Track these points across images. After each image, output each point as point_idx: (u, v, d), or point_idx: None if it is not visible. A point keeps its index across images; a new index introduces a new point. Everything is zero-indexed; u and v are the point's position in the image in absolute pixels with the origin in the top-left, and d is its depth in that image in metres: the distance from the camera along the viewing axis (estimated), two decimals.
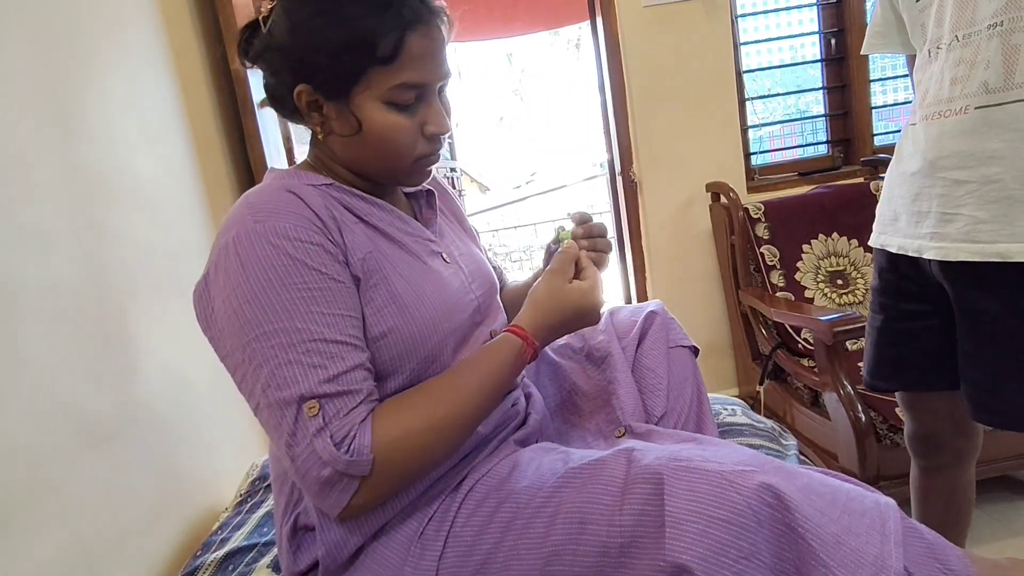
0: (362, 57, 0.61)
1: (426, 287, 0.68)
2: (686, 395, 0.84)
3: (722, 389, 2.17)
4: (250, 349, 0.57)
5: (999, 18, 0.76)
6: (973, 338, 0.88)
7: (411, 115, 0.66)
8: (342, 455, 0.55)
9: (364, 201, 0.70)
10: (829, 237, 1.91)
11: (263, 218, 0.59)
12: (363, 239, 0.66)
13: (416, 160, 0.68)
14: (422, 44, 0.63)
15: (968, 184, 0.82)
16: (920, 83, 0.91)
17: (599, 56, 2.13)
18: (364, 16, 0.61)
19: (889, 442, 1.38)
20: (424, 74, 0.64)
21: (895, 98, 2.21)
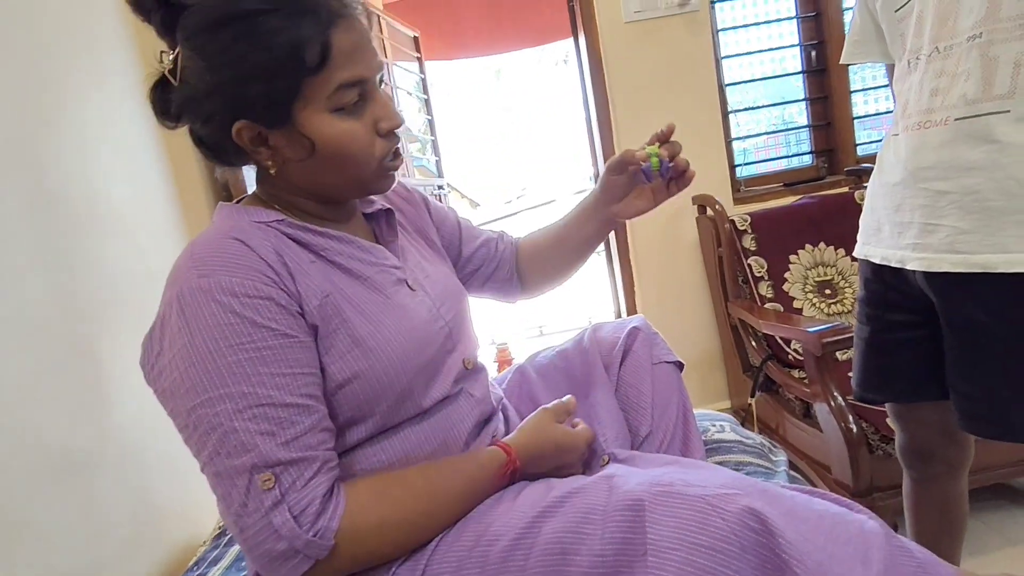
0: (293, 71, 0.58)
1: (391, 325, 0.65)
2: (671, 412, 0.83)
3: (714, 402, 2.15)
4: (196, 415, 0.54)
5: (978, 30, 0.76)
6: (960, 348, 0.87)
7: (360, 116, 0.63)
8: (303, 532, 0.52)
9: (320, 236, 0.66)
10: (816, 247, 1.91)
11: (208, 272, 0.56)
12: (320, 280, 0.63)
13: (380, 162, 0.65)
14: (348, 39, 0.60)
15: (949, 195, 0.82)
16: (900, 93, 0.91)
17: (582, 72, 2.14)
18: (282, 29, 0.57)
19: (882, 452, 1.37)
20: (360, 69, 0.61)
21: (876, 108, 2.23)
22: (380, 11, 2.67)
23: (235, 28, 0.57)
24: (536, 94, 12.57)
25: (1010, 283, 0.78)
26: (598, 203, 0.86)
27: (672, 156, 0.79)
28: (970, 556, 1.35)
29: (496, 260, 0.92)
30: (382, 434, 0.65)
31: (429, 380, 0.68)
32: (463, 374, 0.74)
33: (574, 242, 0.90)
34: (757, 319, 1.73)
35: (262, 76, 0.57)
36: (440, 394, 0.69)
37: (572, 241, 0.90)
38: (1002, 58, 0.75)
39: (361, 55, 0.61)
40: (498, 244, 0.93)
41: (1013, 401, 0.82)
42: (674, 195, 0.84)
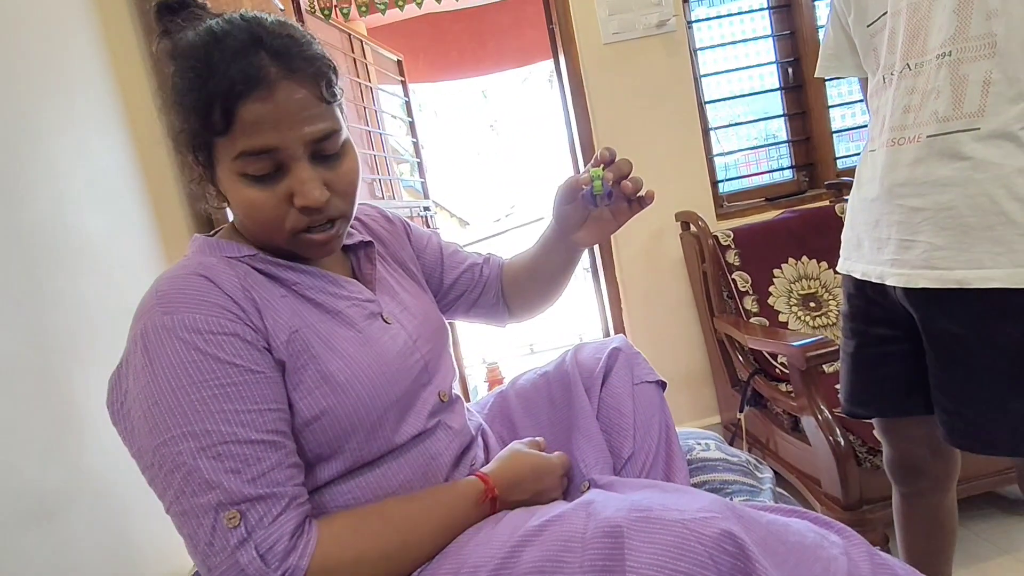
0: (202, 129, 0.58)
1: (361, 360, 0.64)
2: (653, 433, 0.82)
3: (703, 417, 2.15)
4: (159, 454, 0.53)
5: (947, 48, 0.78)
6: (941, 363, 0.87)
7: (271, 186, 0.60)
8: (271, 571, 0.51)
9: (290, 270, 0.66)
10: (799, 261, 1.93)
11: (171, 309, 0.56)
12: (288, 315, 0.62)
13: (293, 234, 0.63)
14: (259, 109, 0.57)
15: (924, 211, 0.83)
16: (876, 109, 0.92)
17: (563, 93, 2.17)
18: (195, 87, 0.57)
19: (870, 465, 1.37)
20: (267, 139, 0.58)
21: (854, 122, 2.27)
22: (364, 37, 2.70)
23: (173, 74, 0.60)
24: (523, 113, 12.69)
25: (985, 298, 0.78)
26: (556, 234, 0.84)
27: (619, 177, 0.74)
28: (961, 567, 1.34)
29: (481, 285, 0.91)
30: (357, 471, 0.64)
31: (402, 415, 0.67)
32: (439, 407, 0.73)
33: (545, 273, 0.89)
34: (743, 334, 1.73)
35: (180, 127, 0.60)
36: (415, 429, 0.68)
37: (543, 272, 0.89)
38: (971, 76, 0.76)
39: (275, 127, 0.58)
40: (482, 269, 0.92)
41: (992, 415, 0.82)
42: (636, 214, 0.81)
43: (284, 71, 0.58)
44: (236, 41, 0.57)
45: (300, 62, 0.59)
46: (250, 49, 0.57)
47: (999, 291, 0.77)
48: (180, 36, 0.61)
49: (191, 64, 0.58)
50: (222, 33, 0.58)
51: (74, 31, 1.16)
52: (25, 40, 1.01)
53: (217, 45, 0.57)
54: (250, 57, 0.57)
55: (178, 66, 0.59)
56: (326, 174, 0.62)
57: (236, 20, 0.60)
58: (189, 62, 0.58)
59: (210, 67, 0.56)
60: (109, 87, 1.23)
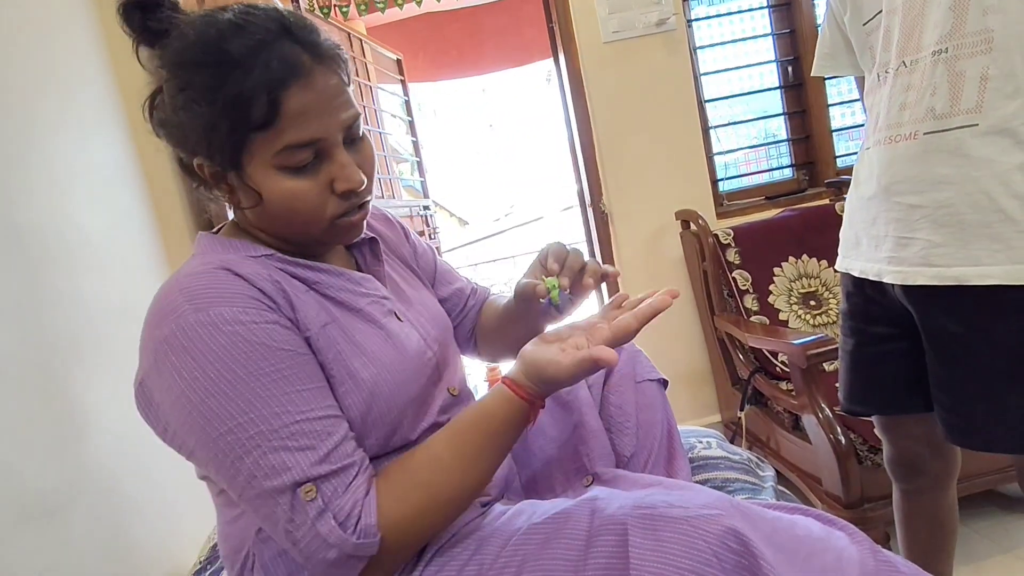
0: (237, 126, 0.56)
1: (385, 358, 0.64)
2: (655, 431, 0.82)
3: (704, 416, 2.15)
4: (224, 442, 0.53)
5: (943, 45, 0.77)
6: (940, 360, 0.87)
7: (313, 176, 0.60)
8: (349, 537, 0.53)
9: (309, 269, 0.65)
10: (799, 259, 1.93)
11: (205, 306, 0.54)
12: (316, 310, 0.62)
13: (332, 221, 0.62)
14: (303, 100, 0.56)
15: (922, 208, 0.82)
16: (872, 107, 0.92)
17: (563, 92, 2.16)
18: (229, 82, 0.54)
19: (871, 463, 1.37)
20: (313, 130, 0.57)
21: (853, 120, 2.27)
22: (363, 36, 2.70)
23: (188, 75, 0.56)
24: (521, 112, 12.69)
25: (984, 296, 0.78)
26: (521, 320, 0.80)
27: (575, 277, 0.69)
28: (962, 564, 1.34)
29: (462, 314, 0.89)
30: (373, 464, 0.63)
31: (418, 412, 0.67)
32: (449, 402, 0.73)
33: (510, 336, 0.84)
34: (743, 332, 1.73)
35: (207, 127, 0.56)
36: (427, 424, 0.68)
37: (508, 333, 0.84)
38: (968, 73, 0.76)
39: (319, 115, 0.58)
40: (468, 298, 0.90)
41: (992, 413, 0.82)
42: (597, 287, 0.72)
43: (315, 58, 0.58)
44: (264, 32, 0.56)
45: (326, 49, 0.59)
46: (281, 39, 0.56)
47: (997, 288, 0.77)
48: (174, 40, 0.58)
49: (215, 60, 0.55)
50: (246, 25, 0.56)
51: (74, 30, 1.15)
52: (25, 39, 1.00)
53: (244, 38, 0.55)
54: (284, 47, 0.56)
55: (191, 69, 0.56)
56: (356, 158, 0.63)
57: (254, 12, 0.58)
58: (210, 59, 0.55)
59: (244, 60, 0.54)
60: (109, 86, 1.22)
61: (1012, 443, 0.83)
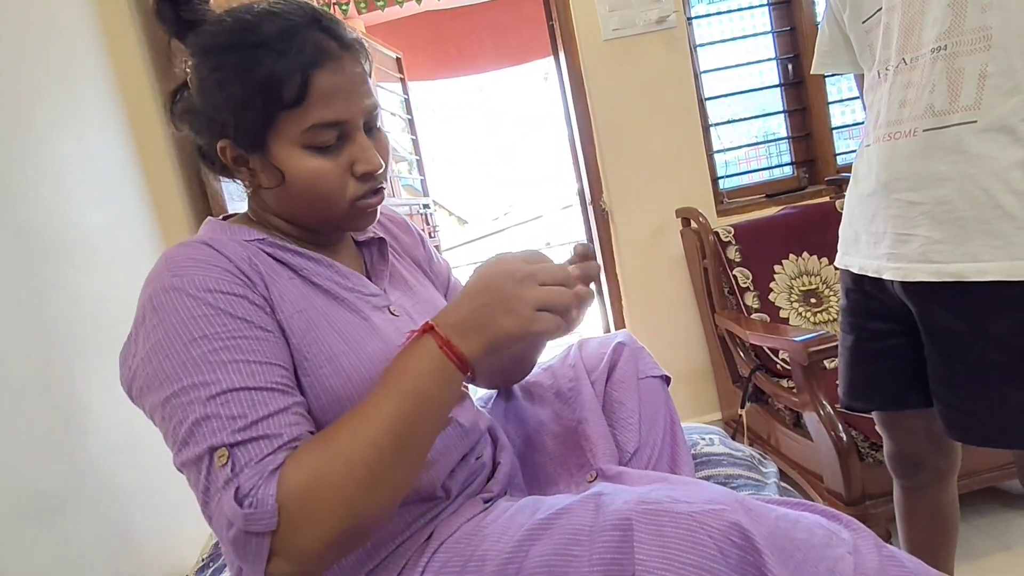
0: (267, 104, 0.59)
1: (367, 346, 0.63)
2: (658, 428, 0.82)
3: (705, 414, 2.15)
4: (170, 405, 0.53)
5: (942, 42, 0.77)
6: (939, 356, 0.87)
7: (335, 156, 0.62)
8: (241, 510, 0.48)
9: (300, 256, 0.66)
10: (799, 257, 1.93)
11: (181, 272, 0.57)
12: (296, 295, 0.62)
13: (352, 203, 0.65)
14: (332, 81, 0.60)
15: (921, 205, 0.83)
16: (872, 104, 0.92)
17: (564, 90, 2.16)
18: (264, 62, 0.58)
19: (872, 460, 1.37)
20: (338, 111, 0.61)
21: (853, 118, 2.27)
22: (363, 34, 2.69)
23: (220, 57, 0.60)
24: (519, 111, 12.69)
25: (982, 292, 0.78)
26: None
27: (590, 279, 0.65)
28: (963, 561, 1.34)
29: None
30: None
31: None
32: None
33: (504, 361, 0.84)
34: (744, 330, 1.73)
35: (237, 105, 0.59)
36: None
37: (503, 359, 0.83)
38: (967, 70, 0.76)
39: (344, 98, 0.61)
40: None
41: (991, 408, 0.82)
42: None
43: (342, 46, 0.62)
44: (298, 18, 0.60)
45: (352, 39, 0.63)
46: (312, 25, 0.60)
47: (996, 284, 0.77)
48: (209, 26, 0.62)
49: (250, 42, 0.59)
50: (280, 12, 0.60)
51: (74, 28, 1.15)
52: (25, 36, 1.00)
53: (278, 23, 0.59)
54: (315, 33, 0.60)
55: (226, 51, 0.60)
56: (375, 145, 0.65)
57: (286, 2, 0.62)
58: (246, 41, 0.59)
59: (277, 42, 0.58)
60: (109, 83, 1.22)
61: (1011, 438, 0.83)
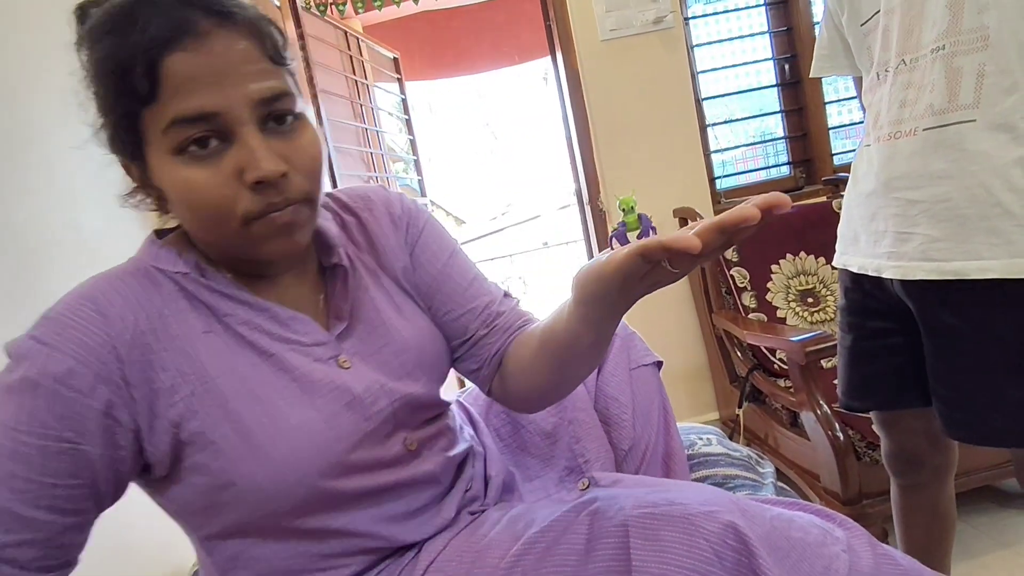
0: (120, 100, 0.49)
1: (292, 416, 0.54)
2: (653, 420, 0.81)
3: (703, 413, 2.15)
4: None
5: (941, 42, 0.78)
6: (939, 354, 0.88)
7: (215, 162, 0.50)
8: None
9: (225, 299, 0.56)
10: (797, 256, 1.93)
11: (47, 340, 0.50)
12: (204, 359, 0.53)
13: (246, 222, 0.51)
14: (192, 63, 0.48)
15: (920, 204, 0.83)
16: (871, 105, 0.93)
17: (561, 90, 2.16)
18: (106, 49, 0.48)
19: (869, 459, 1.37)
20: (204, 101, 0.48)
21: (850, 118, 2.28)
22: (360, 34, 2.69)
23: (81, 51, 0.52)
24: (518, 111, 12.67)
25: (983, 289, 0.79)
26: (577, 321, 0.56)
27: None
28: (959, 560, 1.35)
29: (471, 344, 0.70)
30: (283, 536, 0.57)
31: (343, 474, 0.57)
32: (400, 458, 0.62)
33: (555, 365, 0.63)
34: (742, 330, 1.73)
35: (101, 109, 0.52)
36: (359, 487, 0.59)
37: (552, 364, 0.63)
38: (965, 69, 0.77)
39: (213, 83, 0.49)
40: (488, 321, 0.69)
41: (991, 406, 0.82)
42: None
43: (219, 21, 0.50)
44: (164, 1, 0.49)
45: (238, 11, 0.51)
46: (179, 3, 0.49)
47: (996, 282, 0.77)
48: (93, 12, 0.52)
49: (108, 28, 0.49)
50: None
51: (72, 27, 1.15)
52: (21, 35, 1.00)
53: (140, 5, 0.49)
54: (178, 10, 0.48)
55: (92, 40, 0.50)
56: (281, 146, 0.52)
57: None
58: (105, 27, 0.49)
59: (120, 23, 0.48)
60: None
61: (1012, 437, 0.83)
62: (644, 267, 0.45)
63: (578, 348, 0.57)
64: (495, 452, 0.79)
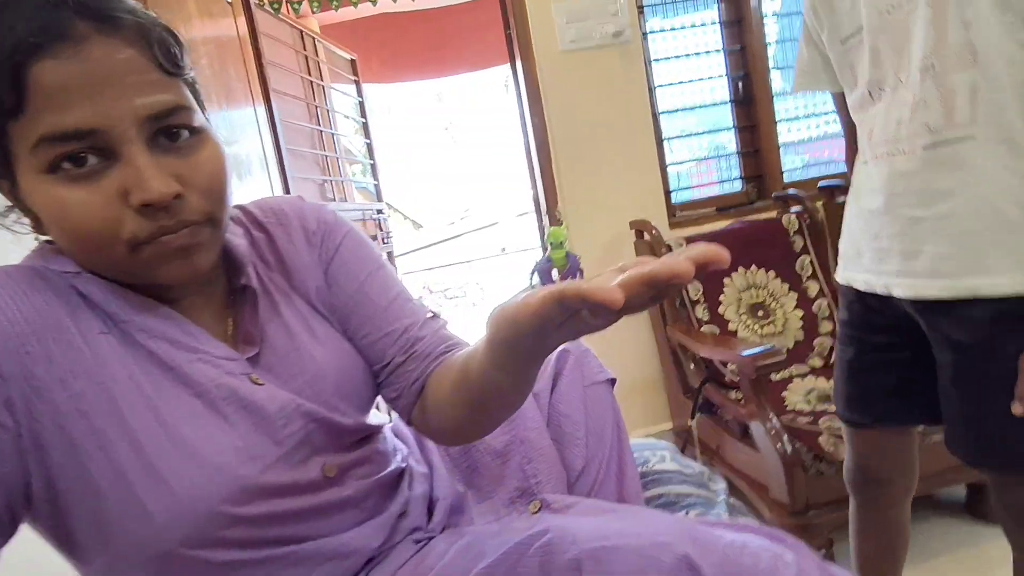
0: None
1: (191, 433, 0.49)
2: (606, 438, 0.79)
3: (656, 424, 2.17)
4: None
5: (930, 60, 0.77)
6: (951, 373, 0.86)
7: (94, 182, 0.45)
8: None
9: (124, 302, 0.51)
10: (748, 270, 1.98)
11: None
12: (102, 360, 0.48)
13: (132, 247, 0.47)
14: (64, 72, 0.42)
15: (925, 221, 0.82)
16: (862, 122, 0.92)
17: (520, 98, 2.16)
18: None
19: (815, 472, 1.40)
20: (80, 115, 0.43)
21: (799, 136, 2.35)
22: (316, 34, 2.63)
23: None
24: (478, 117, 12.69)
25: (995, 306, 0.78)
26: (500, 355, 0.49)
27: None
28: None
29: (392, 369, 0.65)
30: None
31: (253, 500, 0.52)
32: (318, 484, 0.57)
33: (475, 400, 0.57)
34: (695, 343, 1.76)
35: None
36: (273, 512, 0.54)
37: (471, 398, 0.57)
38: (958, 87, 0.76)
39: (91, 95, 0.43)
40: (407, 346, 0.64)
41: (1001, 426, 0.80)
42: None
43: (98, 25, 0.44)
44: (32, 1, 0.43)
45: (124, 16, 0.45)
46: (49, 4, 0.43)
47: (1009, 298, 0.76)
48: None
49: None
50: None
51: None
52: None
53: (3, 5, 0.43)
54: (48, 12, 0.43)
55: None
56: (174, 164, 0.47)
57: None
58: None
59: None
60: None
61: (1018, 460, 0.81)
62: (561, 314, 0.40)
63: (494, 392, 0.53)
64: (443, 472, 0.76)
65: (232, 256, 0.58)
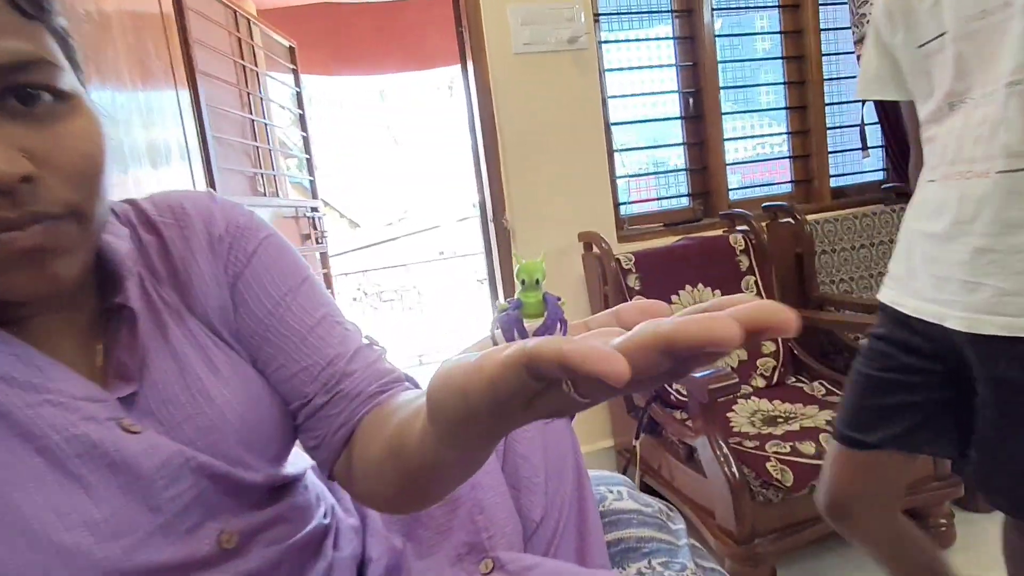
0: None
1: (30, 507, 0.38)
2: (567, 481, 0.72)
3: (597, 441, 2.12)
4: None
5: (1018, 76, 0.72)
6: (999, 412, 0.82)
7: None
8: None
9: None
10: (695, 288, 1.95)
11: None
12: None
13: None
14: None
15: (992, 253, 0.77)
16: (936, 137, 0.87)
17: (470, 100, 2.07)
18: None
19: (763, 498, 1.37)
20: None
21: (744, 155, 2.38)
22: (253, 17, 2.45)
23: None
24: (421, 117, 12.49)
25: None
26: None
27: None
28: None
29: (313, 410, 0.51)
30: None
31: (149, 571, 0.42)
32: (212, 558, 0.46)
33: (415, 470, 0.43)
34: None
35: None
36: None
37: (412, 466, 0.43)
38: None
39: None
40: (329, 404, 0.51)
41: None
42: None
43: None
44: None
45: None
46: None
47: None
48: None
49: None
50: None
51: None
52: None
53: None
54: None
55: None
56: (27, 136, 0.37)
57: None
58: None
59: None
60: None
61: None
62: (532, 386, 0.25)
63: (436, 469, 0.39)
64: (378, 525, 0.66)
65: (107, 264, 0.46)
